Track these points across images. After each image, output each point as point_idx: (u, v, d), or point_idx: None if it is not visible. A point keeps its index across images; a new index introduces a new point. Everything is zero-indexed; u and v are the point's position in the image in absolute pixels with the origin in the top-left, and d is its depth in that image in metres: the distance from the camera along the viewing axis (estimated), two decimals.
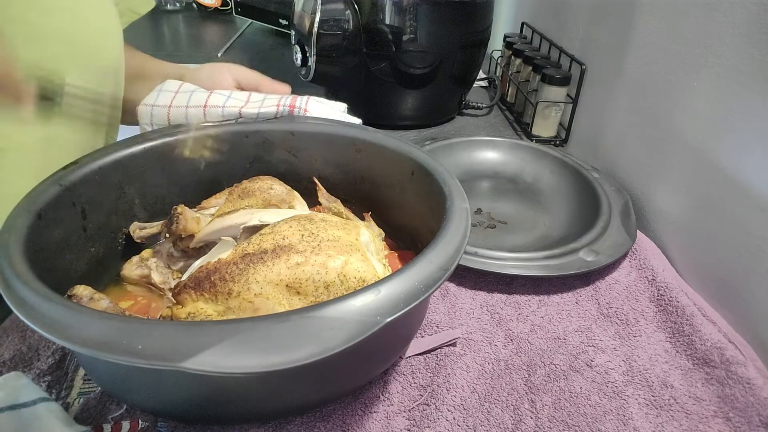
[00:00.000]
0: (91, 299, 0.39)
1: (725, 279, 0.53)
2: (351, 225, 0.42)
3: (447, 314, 0.52)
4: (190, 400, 0.36)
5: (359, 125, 0.55)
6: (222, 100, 0.55)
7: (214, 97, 0.55)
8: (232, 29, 1.54)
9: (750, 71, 0.50)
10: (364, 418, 0.41)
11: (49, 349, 0.45)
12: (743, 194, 0.50)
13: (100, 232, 0.46)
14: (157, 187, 0.51)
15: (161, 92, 0.56)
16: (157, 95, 0.56)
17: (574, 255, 0.56)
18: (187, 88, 0.57)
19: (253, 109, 0.54)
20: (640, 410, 0.43)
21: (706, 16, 0.56)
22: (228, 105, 0.54)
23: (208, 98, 0.55)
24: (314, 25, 0.78)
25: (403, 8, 0.79)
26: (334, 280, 0.37)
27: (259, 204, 0.49)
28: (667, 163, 0.63)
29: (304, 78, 0.86)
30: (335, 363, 0.34)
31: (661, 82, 0.65)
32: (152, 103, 0.56)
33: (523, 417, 0.42)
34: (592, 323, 0.52)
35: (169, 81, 0.58)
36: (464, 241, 0.36)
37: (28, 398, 0.37)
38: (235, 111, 0.54)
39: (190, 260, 0.49)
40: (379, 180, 0.53)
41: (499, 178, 0.76)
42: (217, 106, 0.54)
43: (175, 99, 0.56)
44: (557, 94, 0.85)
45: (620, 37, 0.73)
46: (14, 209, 0.38)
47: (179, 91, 0.56)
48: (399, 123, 0.92)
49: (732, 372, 0.44)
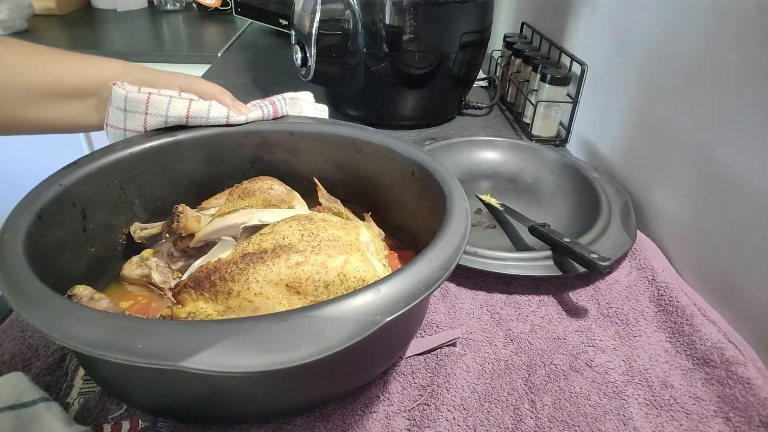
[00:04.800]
0: (91, 299, 0.39)
1: (725, 279, 0.53)
2: (351, 225, 0.42)
3: (447, 314, 0.52)
4: (189, 400, 0.36)
5: (359, 125, 0.55)
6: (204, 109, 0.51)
7: (195, 105, 0.51)
8: (232, 29, 1.54)
9: (750, 71, 0.50)
10: (364, 418, 0.41)
11: (49, 349, 0.45)
12: (743, 194, 0.50)
13: (100, 232, 0.46)
14: (157, 187, 0.51)
15: (127, 113, 0.50)
16: (123, 117, 0.50)
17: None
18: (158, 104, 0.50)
19: (240, 117, 0.53)
20: (640, 410, 0.43)
21: (706, 16, 0.56)
22: (212, 115, 0.52)
23: (188, 108, 0.51)
24: (314, 25, 0.78)
25: (403, 8, 0.79)
26: (334, 279, 0.37)
27: (259, 204, 0.49)
28: (667, 163, 0.63)
29: (304, 78, 0.86)
30: (335, 363, 0.34)
31: (661, 83, 0.65)
32: (121, 126, 0.51)
33: (523, 417, 0.42)
34: (592, 323, 0.52)
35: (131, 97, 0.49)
36: (464, 241, 0.36)
37: (28, 398, 0.37)
38: (222, 119, 0.52)
39: (190, 260, 0.49)
40: (379, 180, 0.53)
41: (499, 178, 0.76)
42: (200, 116, 0.51)
43: (148, 121, 0.50)
44: (557, 94, 0.85)
45: (620, 37, 0.73)
46: (14, 209, 0.38)
47: (149, 113, 0.50)
48: (399, 123, 0.92)
49: (732, 372, 0.44)
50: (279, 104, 0.56)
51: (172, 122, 0.51)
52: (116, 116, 0.51)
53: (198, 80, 0.54)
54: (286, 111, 0.57)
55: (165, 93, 0.51)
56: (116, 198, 0.48)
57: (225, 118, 0.52)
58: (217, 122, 0.52)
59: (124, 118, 0.50)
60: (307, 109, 0.58)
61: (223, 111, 0.52)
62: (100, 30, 1.54)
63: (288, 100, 0.57)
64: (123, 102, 0.50)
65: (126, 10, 1.70)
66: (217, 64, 1.25)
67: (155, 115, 0.50)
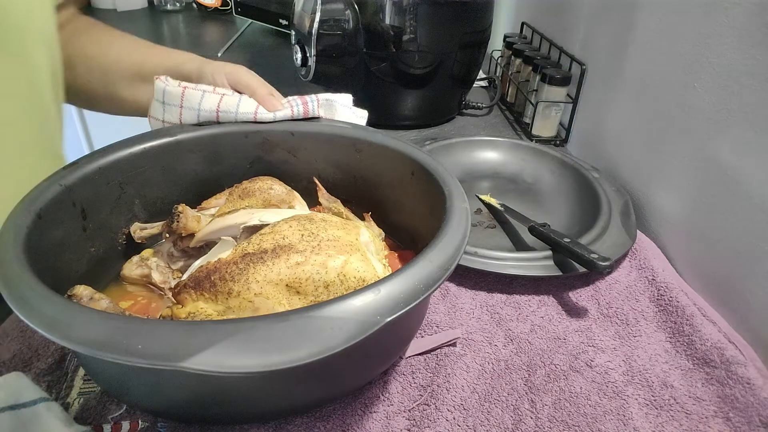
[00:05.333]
0: (91, 299, 0.39)
1: (725, 279, 0.53)
2: (351, 225, 0.42)
3: (447, 314, 0.52)
4: (190, 400, 0.36)
5: (359, 125, 0.55)
6: (234, 103, 0.52)
7: (226, 100, 0.52)
8: (232, 29, 1.54)
9: (750, 71, 0.50)
10: (364, 418, 0.41)
11: (49, 349, 0.45)
12: (743, 194, 0.50)
13: (100, 232, 0.46)
14: (157, 187, 0.51)
15: (165, 106, 0.53)
16: (162, 110, 0.53)
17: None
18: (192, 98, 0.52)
19: (268, 115, 0.53)
20: (640, 410, 0.43)
21: (706, 16, 0.56)
22: (241, 111, 0.52)
23: (219, 103, 0.52)
24: (314, 25, 0.78)
25: (403, 8, 0.79)
26: (334, 279, 0.37)
27: (259, 204, 0.49)
28: (667, 163, 0.63)
29: (304, 78, 0.86)
30: (335, 363, 0.34)
31: (661, 82, 0.65)
32: (161, 118, 0.53)
33: (523, 417, 0.42)
34: (592, 323, 0.52)
35: (168, 90, 0.52)
36: (464, 241, 0.36)
37: (28, 398, 0.37)
38: (250, 115, 0.53)
39: (190, 260, 0.49)
40: (379, 180, 0.53)
41: (499, 178, 0.76)
42: (229, 111, 0.52)
43: (183, 114, 0.53)
44: (557, 94, 0.85)
45: (620, 37, 0.73)
46: (14, 209, 0.38)
47: (184, 107, 0.52)
48: (399, 123, 0.92)
49: (732, 372, 0.44)
50: (311, 105, 0.54)
51: (204, 116, 0.52)
52: (156, 108, 0.53)
53: (242, 70, 0.55)
54: (319, 113, 0.55)
55: (200, 88, 0.52)
56: (116, 198, 0.48)
57: (253, 114, 0.53)
58: (245, 118, 0.53)
59: (162, 111, 0.53)
60: (343, 113, 0.56)
61: (252, 107, 0.53)
62: None
63: (322, 101, 0.55)
64: (162, 95, 0.52)
65: (126, 10, 1.70)
66: None
67: (189, 108, 0.52)
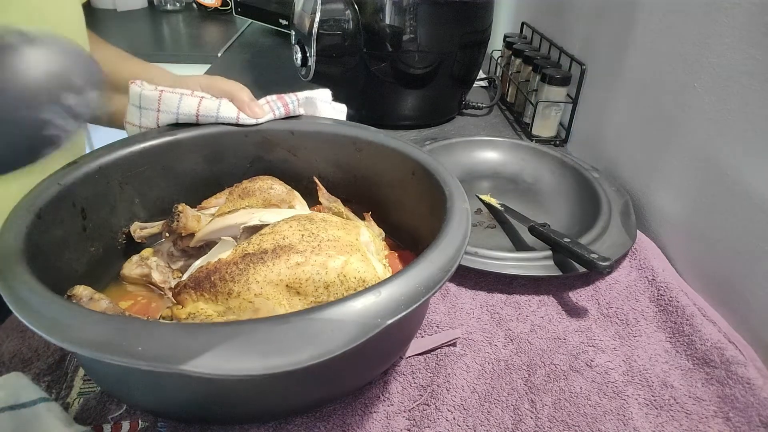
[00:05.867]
0: (91, 299, 0.39)
1: (725, 279, 0.53)
2: (351, 225, 0.42)
3: (447, 314, 0.52)
4: (190, 401, 0.36)
5: (360, 125, 0.55)
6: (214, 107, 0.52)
7: (205, 103, 0.52)
8: (232, 29, 1.54)
9: (750, 71, 0.50)
10: (364, 418, 0.41)
11: (49, 350, 0.45)
12: (743, 194, 0.50)
13: (100, 231, 0.46)
14: (157, 186, 0.51)
15: (142, 110, 0.51)
16: (139, 114, 0.52)
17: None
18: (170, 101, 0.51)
19: (250, 120, 0.53)
20: (640, 410, 0.43)
21: (706, 16, 0.56)
22: (222, 115, 0.52)
23: (198, 106, 0.51)
24: (314, 25, 0.78)
25: (403, 8, 0.79)
26: (334, 280, 0.37)
27: (259, 204, 0.49)
28: (667, 163, 0.63)
29: (304, 78, 0.86)
30: (335, 364, 0.33)
31: (661, 82, 0.64)
32: (137, 123, 0.52)
33: (523, 417, 0.42)
34: (592, 323, 0.52)
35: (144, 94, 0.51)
36: (465, 242, 0.36)
37: (28, 398, 0.37)
38: (232, 120, 0.52)
39: (190, 260, 0.49)
40: (380, 180, 0.53)
41: (499, 178, 0.76)
42: (209, 115, 0.52)
43: (161, 118, 0.51)
44: (557, 94, 0.85)
45: (620, 37, 0.73)
46: (14, 209, 0.38)
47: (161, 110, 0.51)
48: (399, 123, 0.92)
49: (732, 372, 0.44)
50: (292, 105, 0.55)
51: (182, 119, 0.52)
52: (133, 113, 0.52)
53: (219, 79, 0.55)
54: (300, 111, 0.55)
55: (177, 91, 0.52)
56: (116, 197, 0.48)
57: (235, 119, 0.52)
58: (227, 121, 0.53)
59: (139, 115, 0.52)
60: (324, 109, 0.57)
61: (233, 112, 0.52)
62: (100, 30, 1.52)
63: (302, 100, 0.55)
64: (138, 99, 0.51)
65: (126, 10, 1.70)
66: (217, 64, 1.25)
67: (167, 112, 0.51)
